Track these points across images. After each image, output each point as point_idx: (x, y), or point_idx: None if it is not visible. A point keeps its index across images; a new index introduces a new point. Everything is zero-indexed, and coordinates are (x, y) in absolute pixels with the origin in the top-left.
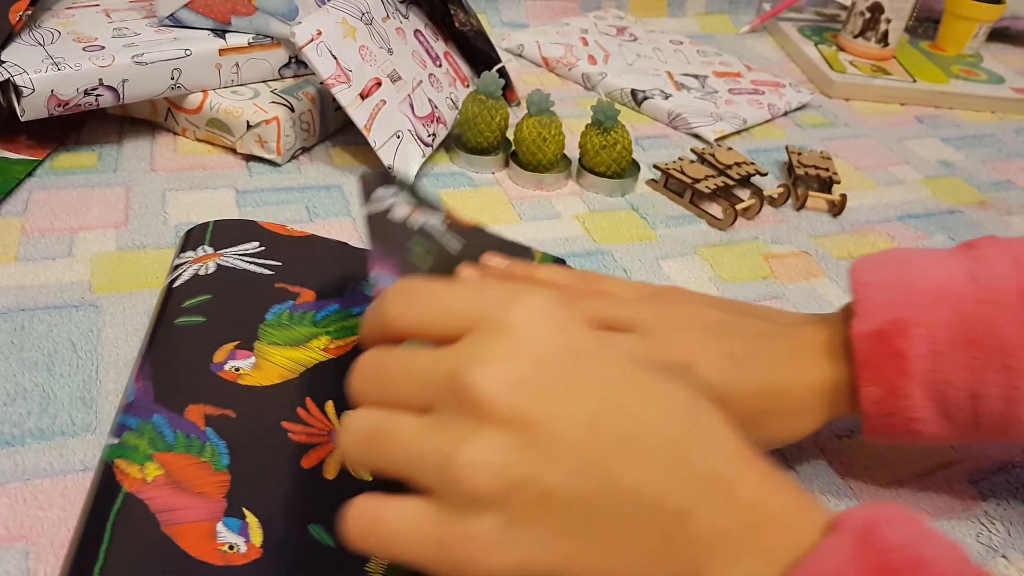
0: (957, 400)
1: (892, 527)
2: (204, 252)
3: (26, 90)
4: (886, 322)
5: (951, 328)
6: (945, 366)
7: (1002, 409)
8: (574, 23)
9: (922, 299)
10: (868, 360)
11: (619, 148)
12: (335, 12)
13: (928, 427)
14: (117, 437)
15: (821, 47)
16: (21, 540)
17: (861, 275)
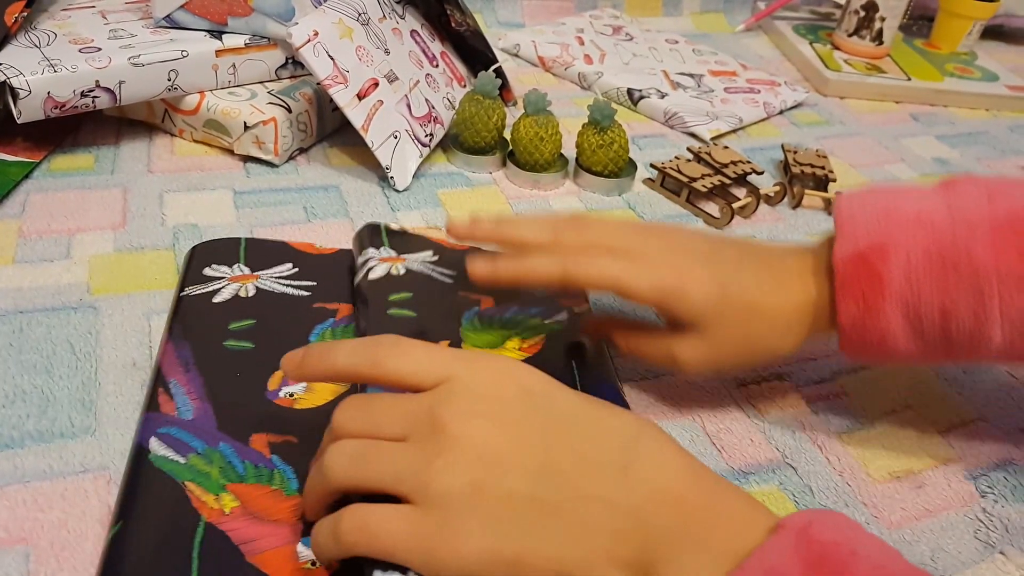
0: (929, 318)
1: (828, 525)
2: (241, 271)
3: (22, 92)
4: (867, 246)
5: (927, 253)
6: (919, 287)
7: (971, 327)
8: (570, 23)
9: (901, 226)
10: (848, 280)
11: (616, 147)
12: (332, 13)
13: (900, 344)
14: (181, 455)
15: (816, 45)
16: (21, 543)
17: (844, 206)
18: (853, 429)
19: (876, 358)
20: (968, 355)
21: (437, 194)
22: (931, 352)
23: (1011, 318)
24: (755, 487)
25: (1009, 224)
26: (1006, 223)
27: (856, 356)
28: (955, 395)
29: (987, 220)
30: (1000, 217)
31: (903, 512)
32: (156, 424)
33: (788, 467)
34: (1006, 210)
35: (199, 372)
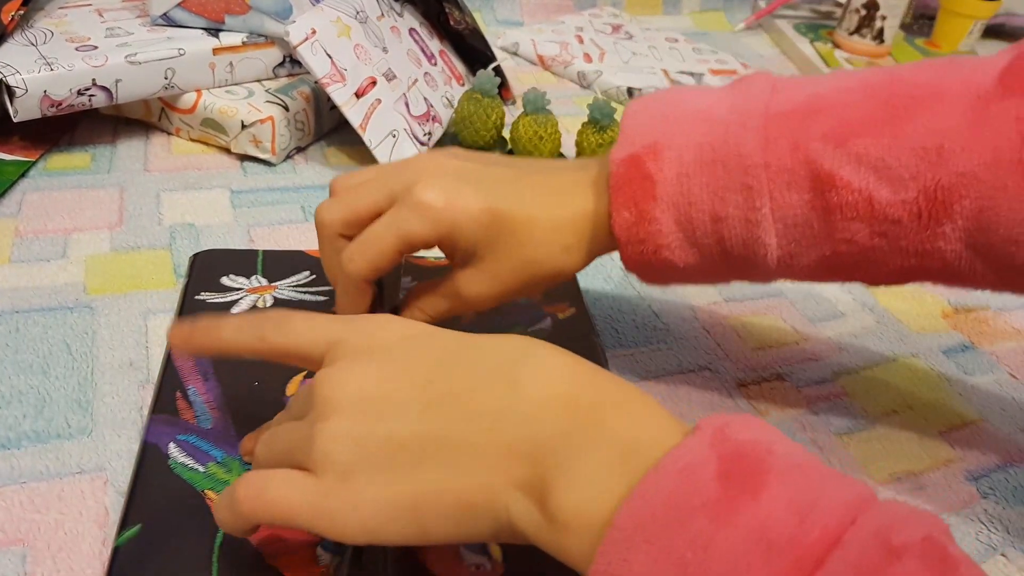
0: (701, 224)
1: (745, 426)
2: (258, 283)
3: (19, 91)
4: (642, 146)
5: (698, 149)
6: (690, 188)
7: (743, 234)
8: (569, 21)
9: (678, 124)
10: (621, 185)
11: None
12: (330, 11)
13: (677, 255)
14: (200, 464)
15: (817, 44)
16: (18, 543)
17: (631, 108)
18: (853, 430)
19: (660, 275)
20: (750, 270)
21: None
22: (712, 267)
23: (784, 220)
24: None
25: (784, 115)
26: (780, 114)
27: (641, 274)
28: (956, 395)
29: (761, 113)
30: (776, 108)
31: None
32: (175, 430)
33: None
34: (786, 100)
35: (218, 382)
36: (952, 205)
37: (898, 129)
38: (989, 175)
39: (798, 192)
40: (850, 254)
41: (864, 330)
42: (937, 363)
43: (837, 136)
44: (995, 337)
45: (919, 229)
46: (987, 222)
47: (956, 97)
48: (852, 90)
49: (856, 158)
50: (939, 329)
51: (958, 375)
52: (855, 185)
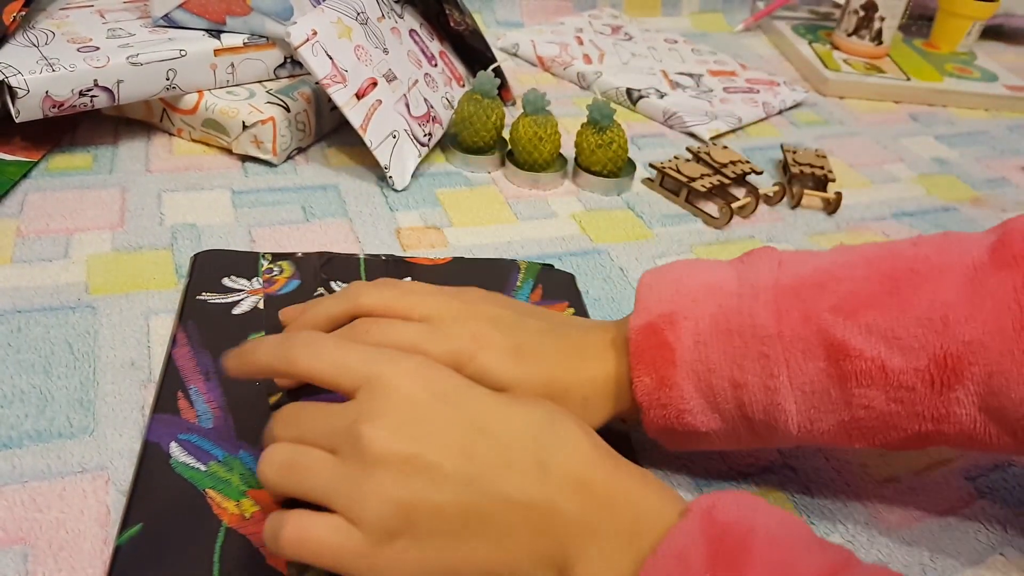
0: (721, 390)
1: (730, 505)
2: (260, 285)
3: (21, 91)
4: (658, 315)
5: (714, 320)
6: (708, 355)
7: (764, 400)
8: (569, 22)
9: (691, 296)
10: (641, 351)
11: (615, 147)
12: (330, 12)
13: (699, 419)
14: (202, 463)
15: (815, 45)
16: (20, 542)
17: (645, 278)
18: None
19: (683, 441)
20: (771, 435)
21: (436, 194)
22: (734, 432)
23: (801, 387)
24: (754, 488)
25: (793, 288)
26: (790, 287)
27: (665, 440)
28: None
29: (772, 285)
30: (785, 282)
31: (902, 513)
32: (177, 429)
33: (787, 468)
34: (793, 275)
35: (219, 382)
36: (962, 372)
37: (904, 302)
38: (995, 343)
39: (813, 361)
40: (868, 419)
41: None
42: None
43: (846, 309)
44: None
45: (933, 395)
46: (997, 387)
47: (954, 271)
48: (855, 265)
49: (867, 329)
50: None
51: None
52: (868, 354)
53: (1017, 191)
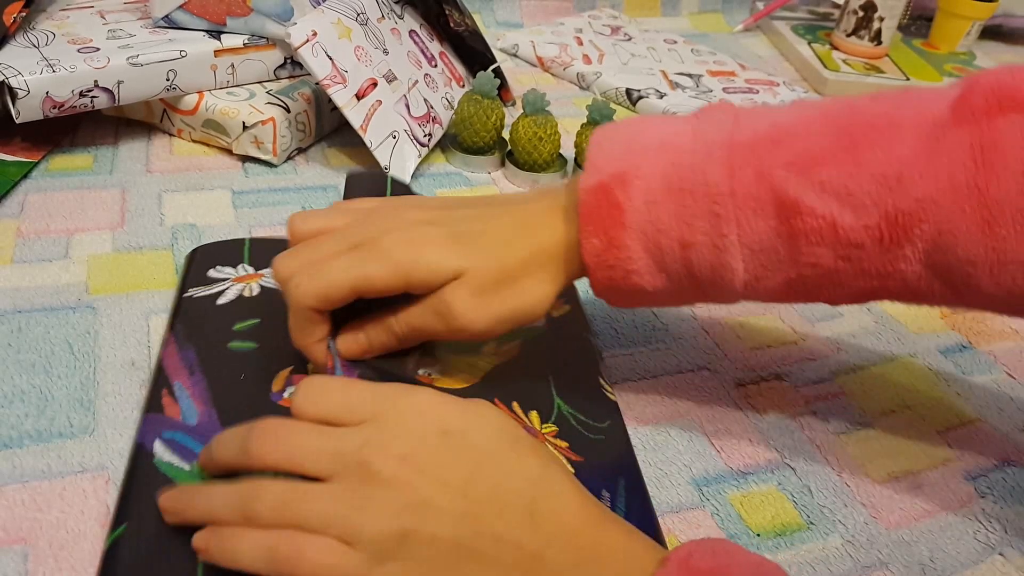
0: (670, 250)
1: (707, 553)
2: (245, 271)
3: (21, 92)
4: (609, 175)
5: (665, 178)
6: (658, 215)
7: (711, 259)
8: (569, 23)
9: (644, 153)
10: (590, 213)
11: None
12: (330, 13)
13: (646, 279)
14: (186, 461)
15: (815, 45)
16: (20, 542)
17: (596, 137)
18: (852, 429)
19: (628, 299)
20: (716, 293)
21: (436, 194)
22: (680, 290)
23: (750, 245)
24: (754, 487)
25: (748, 144)
26: (745, 143)
27: (609, 299)
28: (954, 395)
29: (727, 141)
30: (740, 138)
31: (902, 512)
32: (160, 427)
33: (787, 467)
34: (749, 130)
35: (204, 375)
36: (912, 229)
37: (859, 157)
38: (946, 200)
39: (764, 219)
40: (814, 277)
41: (862, 330)
42: (935, 363)
43: (800, 165)
44: (993, 337)
45: (881, 252)
46: (945, 244)
47: (912, 127)
48: (812, 120)
49: (820, 186)
50: (937, 329)
51: (956, 375)
52: (819, 212)
53: None
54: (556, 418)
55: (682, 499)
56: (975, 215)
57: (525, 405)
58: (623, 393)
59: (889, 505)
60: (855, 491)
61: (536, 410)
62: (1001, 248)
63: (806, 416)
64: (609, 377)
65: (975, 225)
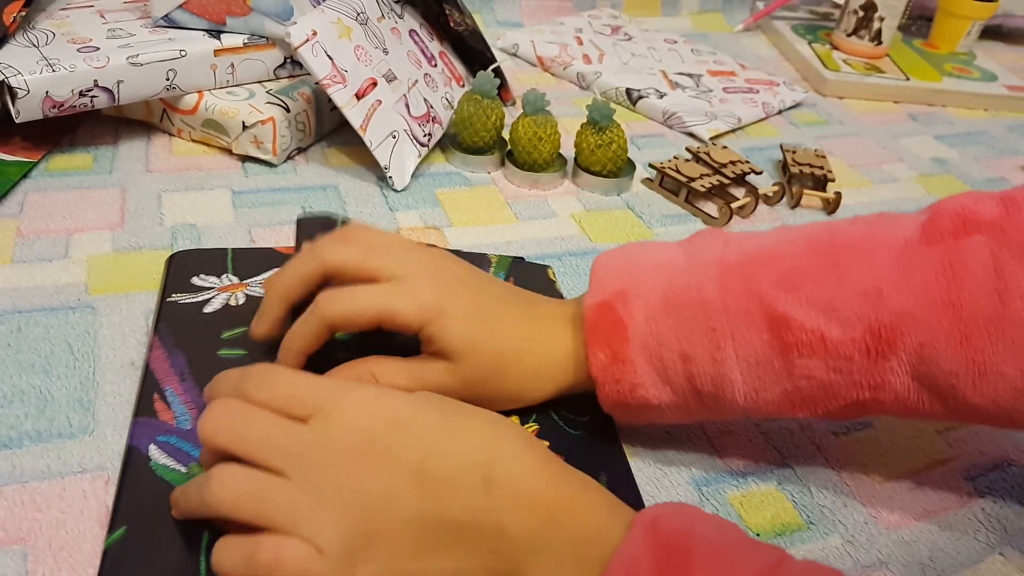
0: (671, 363)
1: (672, 515)
2: (230, 281)
3: (21, 92)
4: (611, 293)
5: (663, 295)
6: (659, 330)
7: (711, 372)
8: (569, 22)
9: (643, 272)
10: (595, 327)
11: (614, 147)
12: (330, 12)
13: (651, 392)
14: (182, 464)
15: (815, 45)
16: (19, 542)
17: (599, 260)
18: (852, 429)
19: (636, 414)
20: (719, 407)
21: (436, 194)
22: (684, 404)
23: (746, 359)
24: (753, 487)
25: (738, 264)
26: (735, 263)
27: (619, 415)
28: None
29: (718, 261)
30: (730, 258)
31: (902, 512)
32: (155, 431)
33: (787, 467)
34: (737, 251)
35: (195, 382)
36: (895, 342)
37: (840, 274)
38: (924, 314)
39: (757, 333)
40: (810, 388)
41: None
42: None
43: (787, 283)
44: None
45: (869, 364)
46: (928, 356)
47: (887, 246)
48: (795, 242)
49: (807, 301)
50: None
51: None
52: (808, 326)
53: None
54: (537, 416)
55: (682, 499)
56: (952, 328)
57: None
58: None
59: (889, 505)
60: (855, 491)
61: (516, 411)
62: (980, 360)
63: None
64: None
65: (953, 338)
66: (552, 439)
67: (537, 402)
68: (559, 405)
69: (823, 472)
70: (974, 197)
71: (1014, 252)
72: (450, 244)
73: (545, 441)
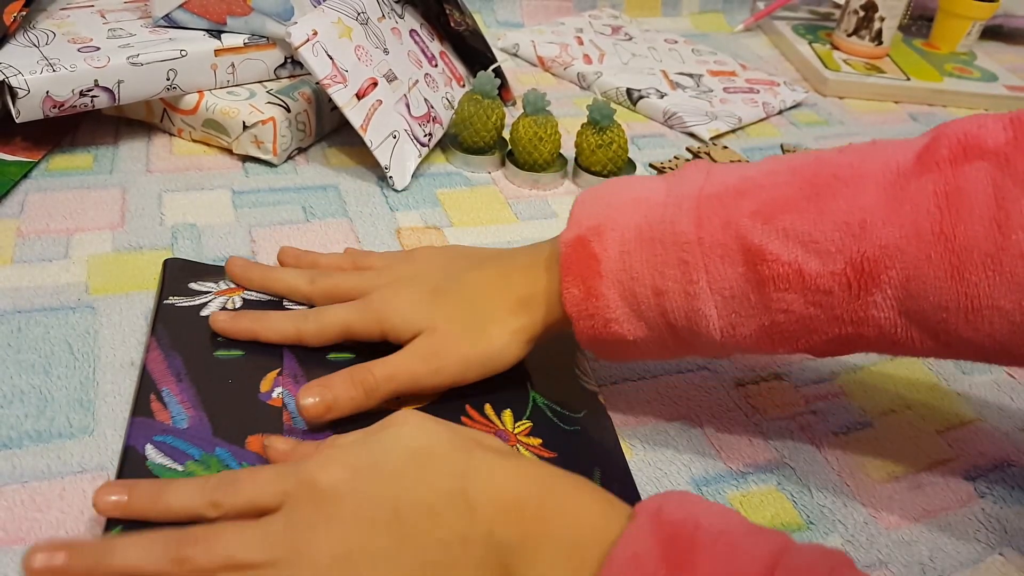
0: (644, 297)
1: (675, 505)
2: (227, 285)
3: (21, 91)
4: (587, 228)
5: (638, 230)
6: (631, 264)
7: (684, 306)
8: (569, 22)
9: (620, 207)
10: (570, 263)
11: (615, 147)
12: (331, 12)
13: (625, 328)
14: (179, 463)
15: (815, 45)
16: (19, 542)
17: (579, 197)
18: (851, 429)
19: (613, 350)
20: (696, 342)
21: (436, 194)
22: (661, 340)
23: (721, 291)
24: (753, 487)
25: (716, 196)
26: (713, 195)
27: (596, 350)
28: (954, 395)
29: (696, 194)
30: (709, 190)
31: (902, 512)
32: (151, 431)
33: (787, 467)
34: (719, 183)
35: (191, 383)
36: (879, 275)
37: (822, 206)
38: (912, 247)
39: (732, 265)
40: (788, 323)
41: None
42: (935, 363)
43: (765, 213)
44: None
45: (850, 299)
46: (915, 291)
47: (877, 176)
48: (779, 172)
49: (783, 233)
50: None
51: (956, 375)
52: (784, 258)
53: None
54: (531, 413)
55: None
56: (942, 261)
57: (498, 406)
58: (623, 393)
59: (889, 505)
60: (855, 491)
61: (510, 408)
62: (973, 294)
63: (806, 416)
64: (609, 377)
65: (943, 271)
66: (546, 436)
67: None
68: (553, 400)
69: (823, 472)
70: (979, 121)
71: (1018, 181)
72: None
73: (538, 439)
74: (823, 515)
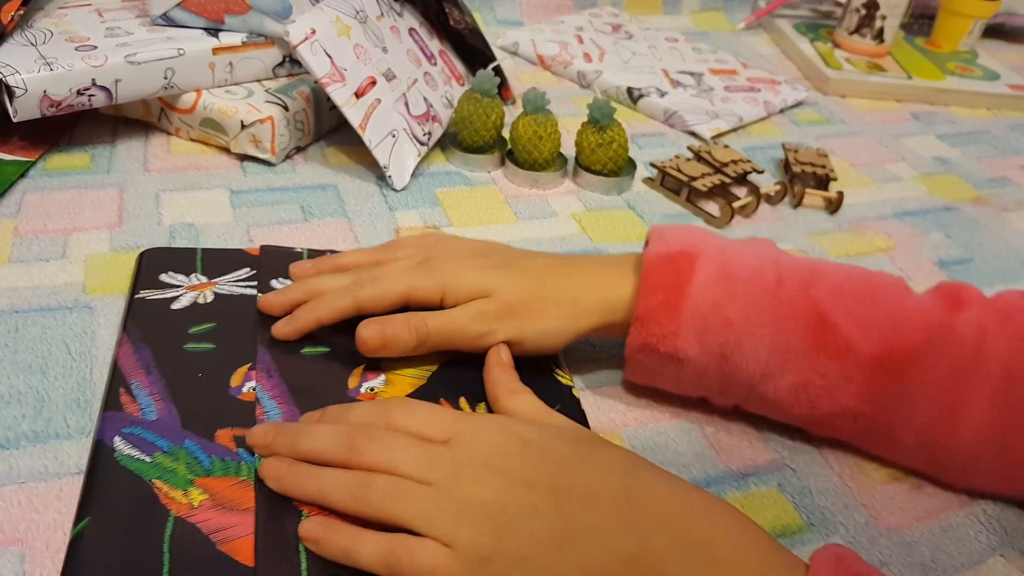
0: (714, 325)
1: (854, 558)
2: (198, 280)
3: (18, 91)
4: (678, 251)
5: (724, 267)
6: (714, 295)
7: (745, 344)
8: (569, 21)
9: (706, 245)
10: (654, 271)
11: (615, 146)
12: (329, 11)
13: (682, 343)
14: (147, 454)
15: (817, 44)
16: (16, 544)
17: (657, 227)
18: None
19: (652, 365)
20: (734, 376)
21: (435, 193)
22: (705, 367)
23: (775, 338)
24: (754, 489)
25: (792, 266)
26: (790, 265)
27: (636, 360)
28: None
29: (776, 259)
30: (786, 260)
31: (902, 514)
32: (120, 423)
33: (787, 469)
34: (792, 259)
35: (160, 375)
36: (904, 372)
37: (876, 302)
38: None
39: (797, 323)
40: (817, 385)
41: None
42: None
43: (832, 291)
44: None
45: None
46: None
47: (918, 298)
48: (843, 267)
49: (847, 312)
50: None
51: None
52: (843, 332)
53: (1018, 190)
54: None
55: None
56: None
57: (473, 399)
58: (623, 394)
59: (889, 506)
60: (855, 492)
61: (484, 402)
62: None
63: None
64: (609, 379)
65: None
66: None
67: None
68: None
69: (824, 473)
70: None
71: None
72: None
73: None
74: (824, 517)
